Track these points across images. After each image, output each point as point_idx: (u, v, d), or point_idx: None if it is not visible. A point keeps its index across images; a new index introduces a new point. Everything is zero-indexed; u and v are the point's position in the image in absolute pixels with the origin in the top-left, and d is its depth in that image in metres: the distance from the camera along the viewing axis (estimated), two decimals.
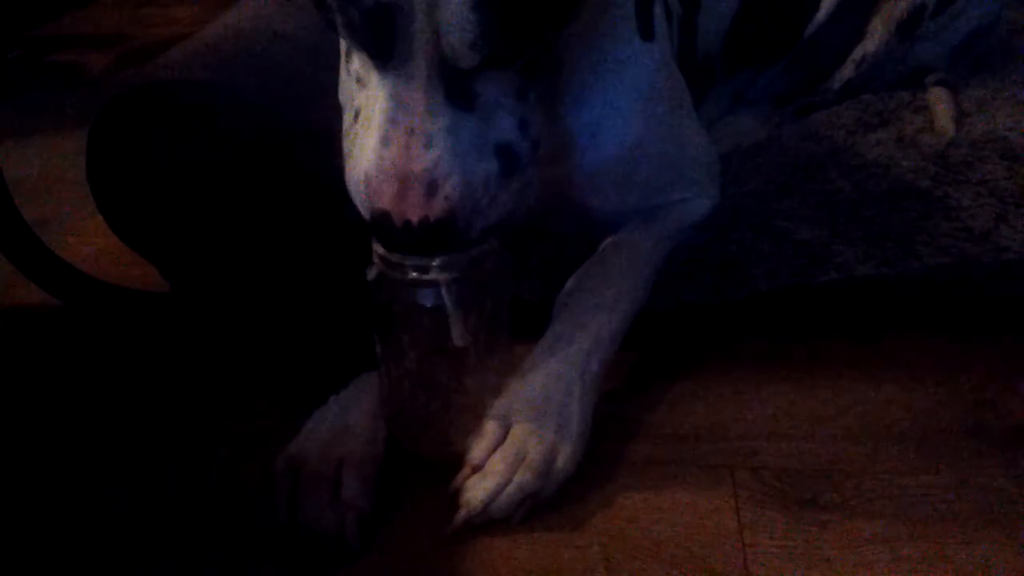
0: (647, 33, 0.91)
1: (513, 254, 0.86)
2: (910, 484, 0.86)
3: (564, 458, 0.85)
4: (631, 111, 0.99)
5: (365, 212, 0.78)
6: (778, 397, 0.98)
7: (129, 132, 1.08)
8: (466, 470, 0.84)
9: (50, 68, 2.31)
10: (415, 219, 0.74)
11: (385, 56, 0.72)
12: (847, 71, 1.39)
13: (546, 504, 0.84)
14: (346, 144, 0.81)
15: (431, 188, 0.73)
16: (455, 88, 0.73)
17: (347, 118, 0.82)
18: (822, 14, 1.37)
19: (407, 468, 0.89)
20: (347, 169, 0.80)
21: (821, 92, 1.41)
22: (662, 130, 1.02)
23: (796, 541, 0.81)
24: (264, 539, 0.83)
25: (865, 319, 1.05)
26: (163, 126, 1.07)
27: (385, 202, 0.74)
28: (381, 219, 0.75)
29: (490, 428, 0.85)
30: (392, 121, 0.73)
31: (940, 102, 1.31)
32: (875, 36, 1.36)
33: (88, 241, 1.35)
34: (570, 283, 0.98)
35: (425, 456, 0.90)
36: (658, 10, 1.04)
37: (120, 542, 0.86)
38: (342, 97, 0.91)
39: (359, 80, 0.78)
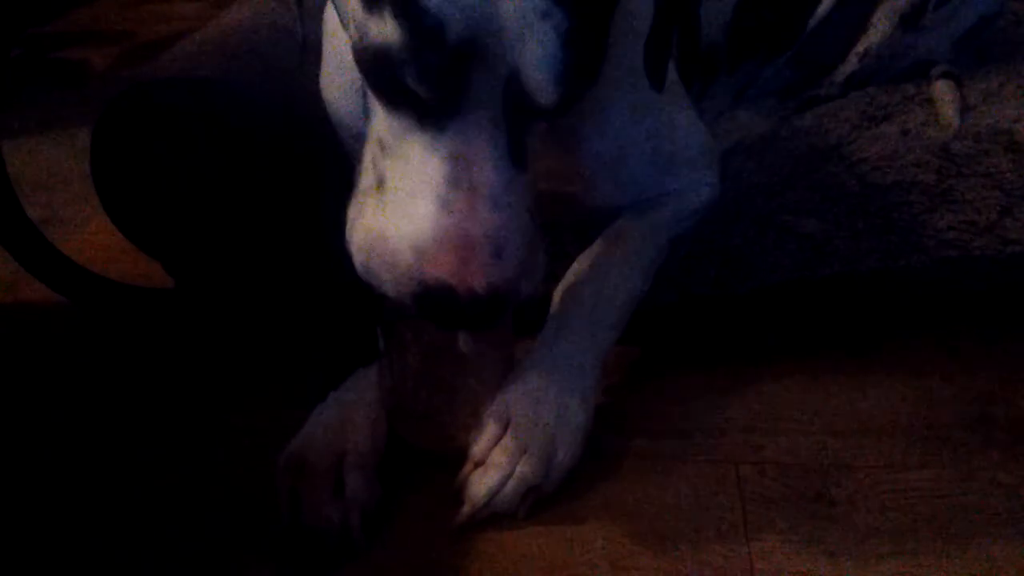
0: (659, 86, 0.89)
1: None
2: (914, 479, 0.86)
3: (564, 450, 0.85)
4: (630, 107, 0.98)
5: (407, 287, 0.71)
6: (782, 392, 0.98)
7: (133, 129, 1.09)
8: (469, 465, 0.84)
9: (54, 65, 2.31)
10: (481, 288, 0.69)
11: (450, 109, 0.68)
12: (851, 64, 1.38)
13: (550, 499, 0.85)
14: (359, 209, 0.76)
15: (498, 251, 0.69)
16: (515, 141, 0.70)
17: (363, 181, 0.77)
18: (825, 6, 1.37)
19: (409, 463, 0.90)
20: (361, 244, 0.75)
21: (825, 85, 1.40)
22: (656, 122, 1.01)
23: (800, 536, 0.81)
24: (267, 536, 0.83)
25: (869, 313, 1.05)
26: (167, 123, 1.07)
27: (446, 273, 0.69)
28: (437, 290, 0.70)
29: (491, 423, 0.85)
30: (453, 182, 0.69)
31: (944, 95, 1.31)
32: (878, 28, 1.36)
33: (92, 238, 1.36)
34: (568, 275, 0.98)
35: (427, 450, 0.90)
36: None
37: (122, 539, 0.86)
38: (347, 140, 0.89)
39: (382, 145, 0.74)
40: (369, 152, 0.76)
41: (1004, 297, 1.05)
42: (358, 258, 0.75)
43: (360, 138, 0.76)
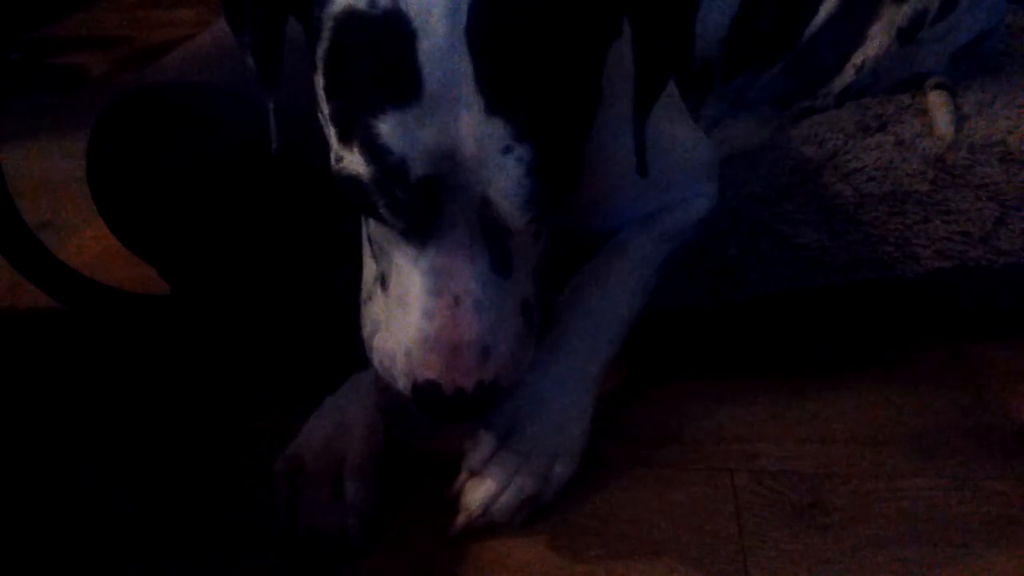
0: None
1: None
2: (910, 487, 0.86)
3: (563, 462, 0.85)
4: (625, 131, 0.99)
5: (405, 384, 0.76)
6: (778, 400, 0.98)
7: (129, 135, 1.08)
8: (465, 474, 0.85)
9: (51, 70, 2.31)
10: (468, 386, 0.73)
11: (426, 231, 0.71)
12: (847, 76, 1.39)
13: (545, 506, 0.85)
14: (369, 305, 0.81)
15: (484, 353, 0.73)
16: (497, 252, 0.73)
17: (368, 274, 0.82)
18: (821, 18, 1.37)
19: (407, 467, 0.90)
20: (374, 339, 0.79)
21: (821, 96, 1.41)
22: (657, 141, 1.01)
23: (796, 544, 0.81)
24: (265, 539, 0.83)
25: (865, 322, 1.05)
26: (163, 129, 1.07)
27: (434, 373, 0.73)
28: (427, 389, 0.73)
29: (488, 432, 0.86)
30: (434, 293, 0.72)
31: (939, 106, 1.31)
32: (875, 41, 1.36)
33: (88, 243, 1.35)
34: (570, 287, 0.98)
35: (424, 455, 0.90)
36: None
37: (121, 543, 0.86)
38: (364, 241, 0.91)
39: (377, 245, 0.77)
40: (366, 238, 0.80)
41: (999, 307, 1.05)
42: (371, 353, 0.80)
43: None
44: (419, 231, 0.71)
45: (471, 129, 0.65)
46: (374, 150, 0.66)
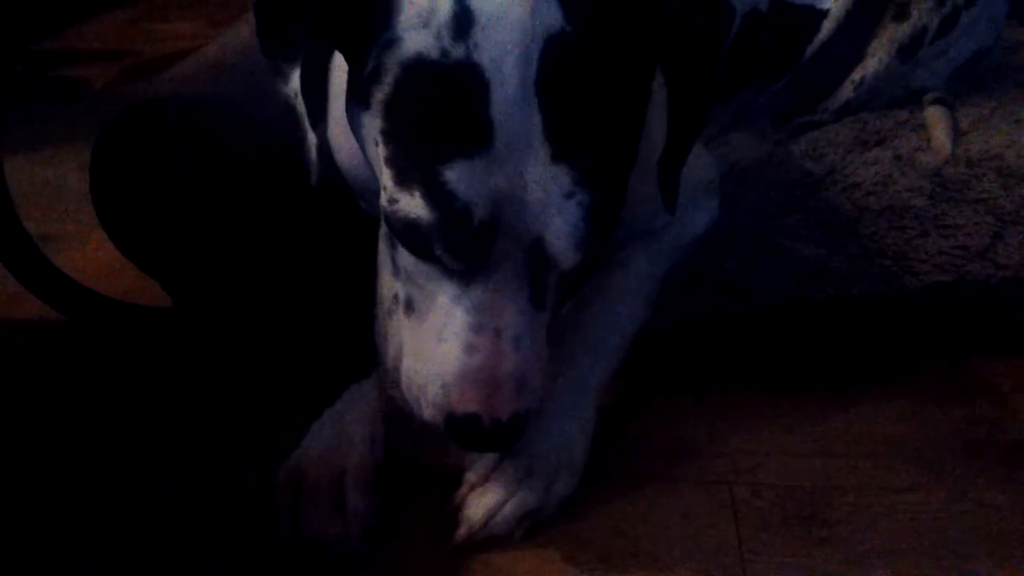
0: None
1: None
2: (909, 501, 0.87)
3: (565, 477, 0.86)
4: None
5: (434, 415, 0.76)
6: (777, 414, 0.98)
7: (133, 148, 1.09)
8: (466, 486, 0.85)
9: (53, 83, 2.32)
10: (505, 416, 0.74)
11: (475, 269, 0.72)
12: (846, 92, 1.40)
13: (546, 519, 0.85)
14: (389, 323, 0.83)
15: (520, 384, 0.74)
16: (538, 289, 0.74)
17: (386, 290, 0.83)
18: (822, 35, 1.38)
19: (408, 478, 0.90)
20: (401, 364, 0.80)
21: (820, 111, 1.42)
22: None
23: (795, 557, 0.82)
24: (268, 551, 0.83)
25: (863, 336, 1.06)
26: (167, 142, 1.08)
27: (475, 406, 0.74)
28: (466, 422, 0.74)
29: None
30: (477, 329, 0.73)
31: (937, 121, 1.32)
32: (875, 58, 1.37)
33: (91, 255, 1.35)
34: (571, 305, 0.99)
35: (425, 467, 0.90)
36: None
37: (122, 554, 0.86)
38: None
39: (405, 272, 0.78)
40: (389, 258, 0.80)
41: (998, 321, 1.05)
42: (397, 375, 0.81)
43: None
44: (469, 270, 0.72)
45: (537, 175, 0.68)
46: (439, 196, 0.68)
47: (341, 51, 0.77)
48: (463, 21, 0.67)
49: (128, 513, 0.91)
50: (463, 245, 0.70)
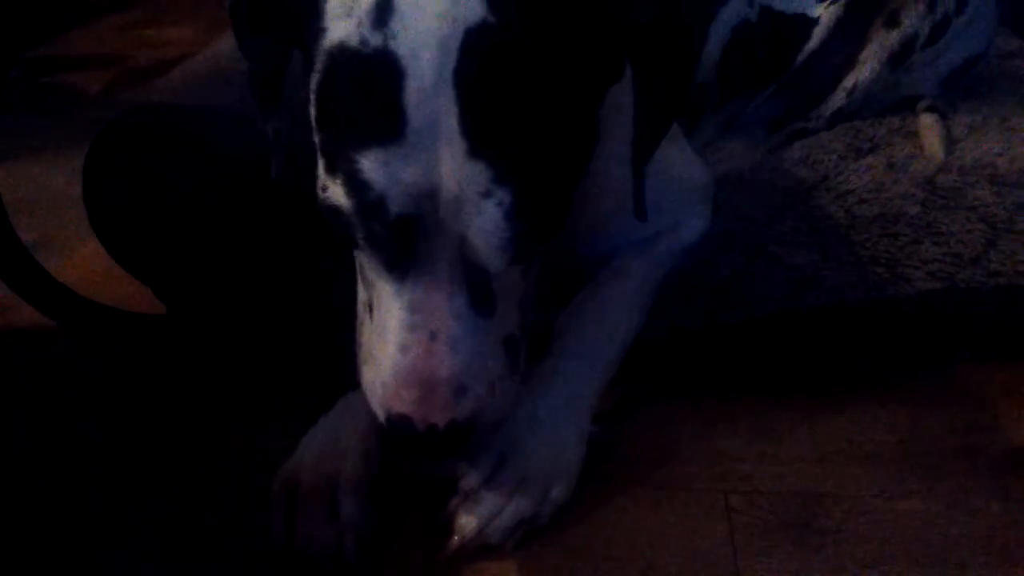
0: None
1: None
2: (903, 508, 0.87)
3: (560, 486, 0.86)
4: (623, 160, 0.99)
5: (382, 416, 0.77)
6: (772, 421, 0.98)
7: (126, 155, 1.09)
8: (459, 496, 0.85)
9: (47, 89, 2.31)
10: (441, 423, 0.73)
11: (405, 266, 0.72)
12: (838, 99, 1.40)
13: (540, 528, 0.85)
14: (360, 330, 0.82)
15: (459, 392, 0.73)
16: (478, 292, 0.73)
17: (360, 299, 0.82)
18: (813, 44, 1.39)
19: (403, 486, 0.90)
20: (362, 367, 0.80)
21: (813, 118, 1.42)
22: (655, 166, 1.02)
23: (790, 564, 0.82)
24: (261, 559, 0.83)
25: (857, 343, 1.06)
26: (159, 150, 1.08)
27: (406, 407, 0.73)
28: (400, 424, 0.74)
29: (484, 455, 0.86)
30: (411, 328, 0.73)
31: (930, 128, 1.33)
32: (866, 65, 1.38)
33: (84, 262, 1.35)
34: (566, 314, 0.99)
35: (419, 475, 0.90)
36: None
37: (117, 561, 0.86)
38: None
39: (363, 273, 0.78)
40: (358, 263, 0.80)
41: (990, 328, 1.06)
42: (363, 386, 0.81)
43: None
44: (400, 265, 0.72)
45: (452, 171, 0.66)
46: (355, 184, 0.67)
47: (299, 48, 0.76)
48: (383, 10, 0.67)
49: (121, 522, 0.91)
50: (381, 237, 0.69)
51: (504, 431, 0.87)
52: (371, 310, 0.78)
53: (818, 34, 1.38)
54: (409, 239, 0.69)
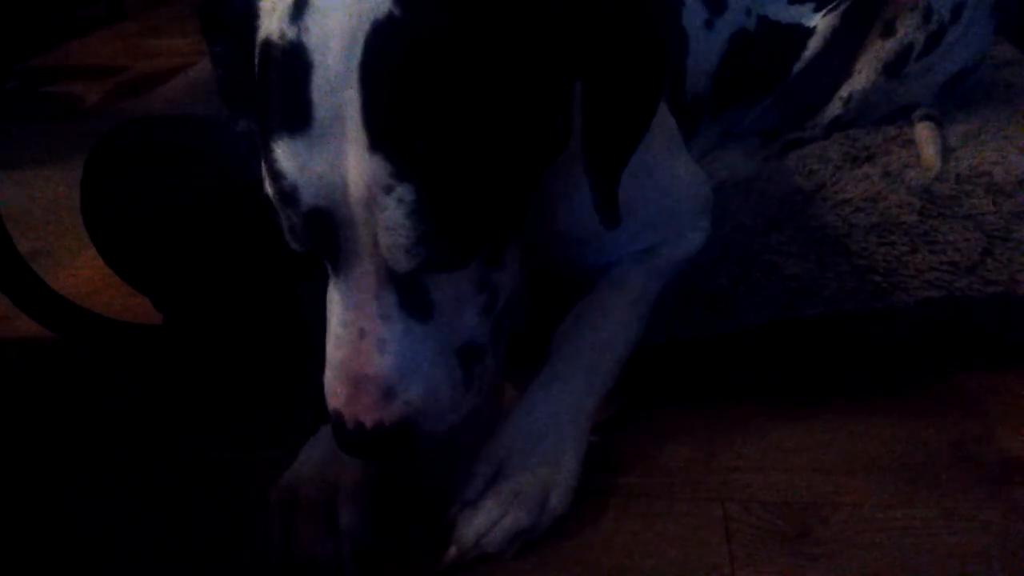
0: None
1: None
2: (900, 517, 0.87)
3: (558, 496, 0.86)
4: (625, 172, 1.00)
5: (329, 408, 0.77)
6: (768, 430, 0.98)
7: (124, 166, 1.09)
8: (457, 505, 0.85)
9: (45, 99, 2.32)
10: (368, 423, 0.73)
11: (332, 259, 0.72)
12: (835, 108, 1.41)
13: (538, 538, 0.85)
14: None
15: (388, 393, 0.73)
16: (408, 294, 0.73)
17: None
18: (809, 53, 1.39)
19: (401, 496, 0.90)
20: None
21: (809, 128, 1.43)
22: (653, 179, 1.03)
23: (786, 574, 0.81)
24: (259, 569, 0.83)
25: (854, 352, 1.06)
26: (158, 160, 1.08)
27: (338, 403, 0.73)
28: (335, 419, 0.74)
29: (483, 466, 0.86)
30: (344, 324, 0.73)
31: (926, 137, 1.33)
32: (862, 75, 1.38)
33: (81, 272, 1.36)
34: (566, 323, 0.99)
35: (417, 484, 0.90)
36: None
37: (114, 574, 0.86)
38: None
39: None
40: None
41: (988, 336, 1.06)
42: None
43: None
44: (335, 259, 0.72)
45: (355, 164, 0.66)
46: (273, 173, 0.69)
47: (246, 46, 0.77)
48: (300, 5, 0.68)
49: (117, 533, 0.91)
50: (298, 228, 0.70)
51: (502, 441, 0.88)
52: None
53: (814, 44, 1.39)
54: (325, 232, 0.70)
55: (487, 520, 0.82)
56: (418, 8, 0.66)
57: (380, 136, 0.65)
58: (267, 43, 0.70)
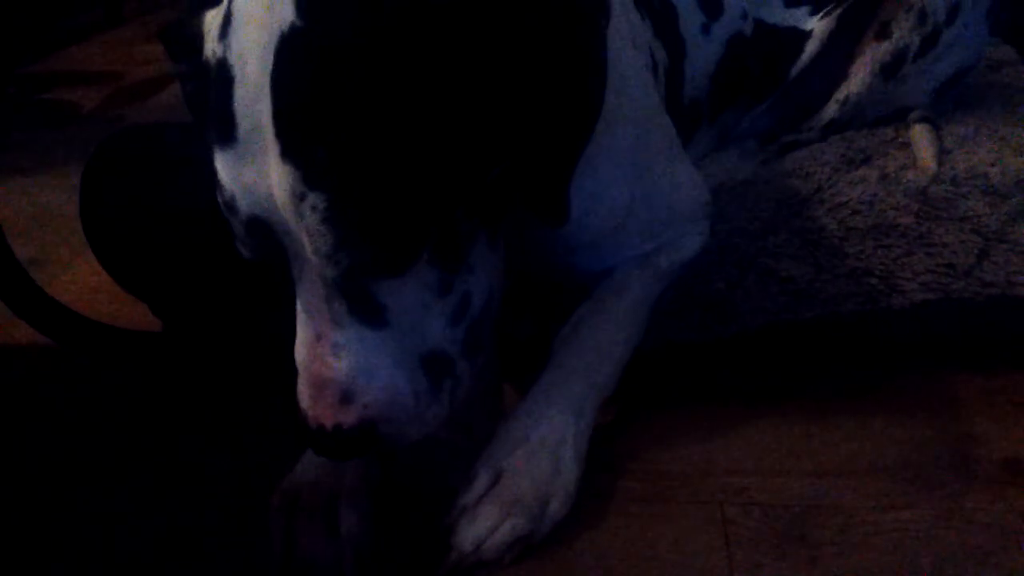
0: None
1: (503, 293, 0.87)
2: (899, 518, 0.87)
3: (557, 503, 0.86)
4: (622, 179, 1.00)
5: None
6: (767, 433, 0.98)
7: (122, 172, 1.09)
8: (456, 510, 0.84)
9: (42, 106, 2.32)
10: (328, 424, 0.73)
11: (283, 266, 0.74)
12: (831, 110, 1.41)
13: (537, 544, 0.85)
14: None
15: (346, 397, 0.73)
16: (357, 301, 0.72)
17: None
18: (806, 56, 1.40)
19: (402, 500, 0.90)
20: None
21: (805, 130, 1.43)
22: (654, 184, 1.04)
23: None
24: (261, 573, 0.83)
25: (851, 355, 1.06)
26: (155, 167, 1.08)
27: (303, 402, 0.74)
28: (302, 417, 0.75)
29: (482, 471, 0.86)
30: (305, 326, 0.74)
31: (922, 139, 1.33)
32: (858, 77, 1.39)
33: (80, 279, 1.36)
34: (565, 328, 0.99)
35: (420, 488, 0.90)
36: (645, 62, 1.06)
37: None
38: None
39: None
40: None
41: (984, 339, 1.06)
42: None
43: None
44: (283, 267, 0.74)
45: (273, 173, 0.67)
46: (217, 184, 0.71)
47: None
48: (225, 23, 0.70)
49: (117, 539, 0.91)
50: (240, 236, 0.73)
51: (502, 446, 0.88)
52: None
53: (811, 47, 1.40)
54: (267, 240, 0.71)
55: (486, 526, 0.82)
56: (320, 17, 0.67)
57: (289, 145, 0.66)
58: (206, 61, 0.73)
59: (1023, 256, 1.06)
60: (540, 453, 0.87)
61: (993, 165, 1.24)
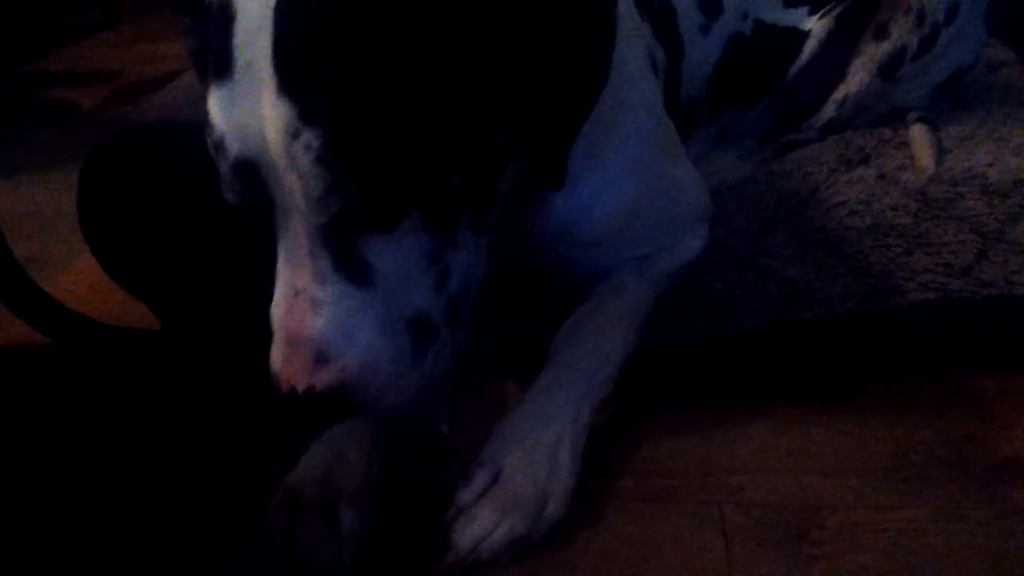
0: None
1: (503, 294, 0.87)
2: (897, 518, 0.87)
3: (555, 503, 0.86)
4: (625, 177, 1.00)
5: None
6: (765, 433, 0.98)
7: (121, 171, 1.09)
8: (454, 510, 0.84)
9: (40, 105, 2.32)
10: (300, 387, 0.71)
11: (268, 214, 0.71)
12: (829, 111, 1.41)
13: (535, 544, 0.85)
14: None
15: (320, 357, 0.70)
16: (343, 256, 0.71)
17: None
18: (804, 56, 1.40)
19: (403, 499, 0.90)
20: None
21: (804, 130, 1.43)
22: (656, 184, 1.04)
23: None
24: (261, 572, 0.83)
25: (850, 355, 1.06)
26: (154, 166, 1.08)
27: (275, 364, 0.72)
28: (273, 381, 0.72)
29: (480, 470, 0.86)
30: (284, 282, 0.72)
31: (921, 139, 1.33)
32: (856, 77, 1.39)
33: (78, 278, 1.35)
34: (564, 328, 0.99)
35: (422, 486, 0.90)
36: (645, 62, 1.06)
37: None
38: None
39: None
40: None
41: (982, 338, 1.06)
42: None
43: None
44: (268, 215, 0.71)
45: (267, 109, 0.65)
46: (208, 123, 0.69)
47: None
48: None
49: (117, 539, 0.91)
50: (227, 178, 0.70)
51: (500, 446, 0.88)
52: None
53: (810, 47, 1.39)
54: (254, 183, 0.69)
55: (483, 527, 0.82)
56: None
57: (287, 79, 0.65)
58: (208, 5, 0.71)
59: (1022, 256, 1.06)
60: (538, 453, 0.87)
61: (991, 165, 1.24)
